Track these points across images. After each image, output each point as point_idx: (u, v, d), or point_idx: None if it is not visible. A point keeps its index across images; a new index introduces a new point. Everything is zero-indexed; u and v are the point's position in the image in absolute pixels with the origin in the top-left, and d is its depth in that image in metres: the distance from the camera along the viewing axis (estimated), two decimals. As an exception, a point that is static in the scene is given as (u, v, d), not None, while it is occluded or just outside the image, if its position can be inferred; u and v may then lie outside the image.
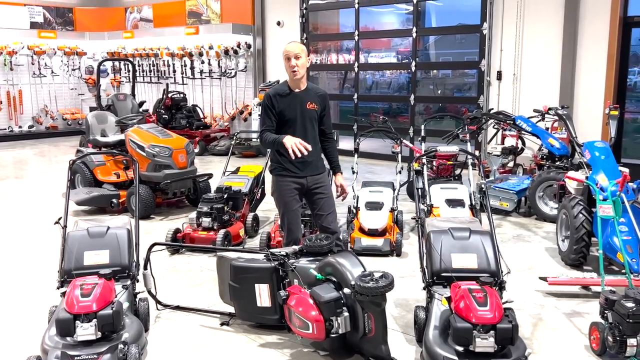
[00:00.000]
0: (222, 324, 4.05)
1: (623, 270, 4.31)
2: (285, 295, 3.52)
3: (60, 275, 3.71)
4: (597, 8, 8.24)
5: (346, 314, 3.32)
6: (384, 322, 3.25)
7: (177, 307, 4.28)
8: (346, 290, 3.31)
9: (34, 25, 14.94)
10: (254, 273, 3.79)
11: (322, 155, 4.41)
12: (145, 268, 4.11)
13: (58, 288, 3.67)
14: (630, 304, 3.26)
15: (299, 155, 3.89)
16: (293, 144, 3.88)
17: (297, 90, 4.15)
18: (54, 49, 14.53)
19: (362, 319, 3.28)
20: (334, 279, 3.45)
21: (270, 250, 3.98)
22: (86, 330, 3.14)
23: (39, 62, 14.27)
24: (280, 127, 4.13)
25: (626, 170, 5.07)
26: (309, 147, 3.94)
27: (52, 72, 14.57)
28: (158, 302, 4.26)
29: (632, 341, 3.21)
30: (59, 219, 3.93)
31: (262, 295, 3.78)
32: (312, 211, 4.44)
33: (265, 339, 3.82)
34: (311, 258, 3.78)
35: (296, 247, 3.92)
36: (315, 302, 3.34)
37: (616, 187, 4.35)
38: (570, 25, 8.44)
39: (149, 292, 4.18)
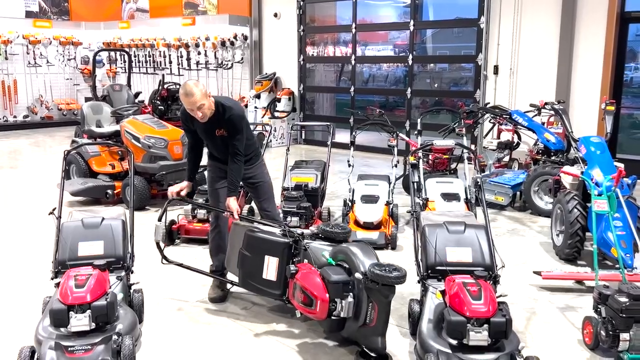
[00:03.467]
0: (222, 290, 4.21)
1: (617, 265, 4.33)
2: (294, 269, 3.59)
3: (54, 265, 3.71)
4: (595, 3, 8.23)
5: (351, 299, 3.35)
6: (386, 315, 3.27)
7: (181, 265, 4.30)
8: (357, 275, 3.32)
9: (29, 14, 14.84)
10: (267, 245, 3.87)
11: (258, 149, 4.54)
12: (159, 220, 4.12)
13: (52, 279, 3.66)
14: (623, 299, 3.27)
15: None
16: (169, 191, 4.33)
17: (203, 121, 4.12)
18: (49, 39, 14.44)
19: (365, 309, 3.29)
20: (345, 266, 3.48)
21: (289, 226, 4.04)
22: (80, 321, 3.14)
23: (34, 51, 14.18)
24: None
25: (621, 165, 5.09)
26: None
27: (48, 61, 14.48)
28: (164, 256, 4.20)
29: (624, 336, 3.23)
30: (53, 209, 3.91)
31: (270, 267, 3.83)
32: (253, 199, 4.71)
33: (259, 331, 3.83)
34: (326, 243, 3.85)
35: (313, 229, 4.03)
36: (324, 281, 3.38)
37: (611, 182, 4.37)
38: (567, 20, 8.44)
39: (157, 244, 4.16)
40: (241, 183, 4.81)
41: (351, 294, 3.36)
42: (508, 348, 3.08)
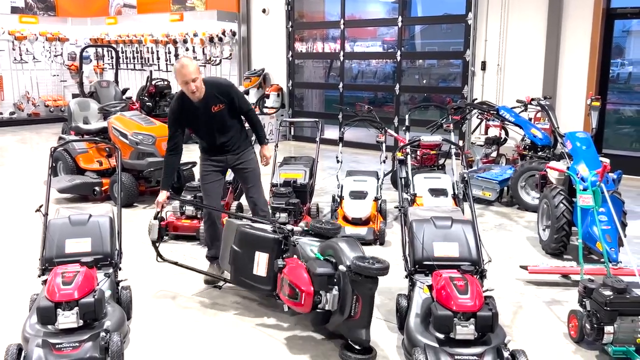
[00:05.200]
0: (213, 286, 4.26)
1: (602, 260, 4.38)
2: (282, 264, 3.64)
3: (42, 263, 3.69)
4: (581, 0, 8.29)
5: (336, 292, 3.38)
6: (370, 308, 3.30)
7: (176, 263, 4.42)
8: (341, 267, 3.34)
9: (14, 10, 14.67)
10: (258, 241, 3.91)
11: (247, 134, 4.70)
12: (155, 218, 4.22)
13: (39, 276, 3.65)
14: (607, 292, 3.32)
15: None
16: (157, 201, 4.35)
17: (198, 101, 4.25)
18: (35, 35, 14.29)
19: (350, 301, 3.31)
20: (333, 260, 3.50)
21: (279, 222, 4.05)
22: (67, 319, 3.13)
23: (20, 47, 14.03)
24: (192, 130, 4.53)
25: (607, 160, 5.14)
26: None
27: (34, 58, 14.33)
28: (159, 254, 4.33)
29: (609, 329, 3.28)
30: (40, 206, 3.89)
31: (260, 263, 3.87)
32: (241, 184, 4.79)
33: (248, 325, 3.85)
34: (315, 239, 3.89)
35: (303, 225, 4.10)
36: (309, 274, 3.42)
37: (596, 177, 4.41)
38: (554, 16, 8.49)
39: (152, 243, 4.27)
40: (230, 178, 4.87)
41: (336, 287, 3.39)
42: (494, 342, 3.11)
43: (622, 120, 11.16)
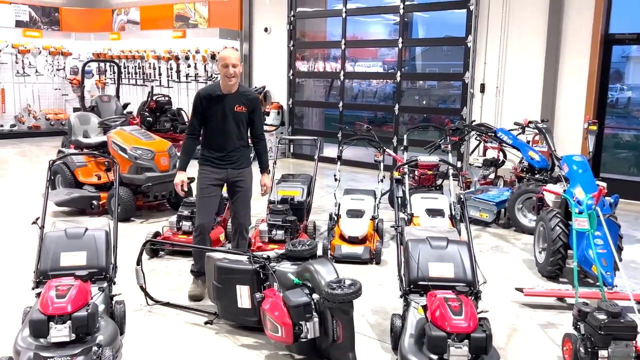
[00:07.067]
0: (206, 323, 4.11)
1: (597, 283, 4.38)
2: (260, 297, 3.60)
3: (36, 275, 3.69)
4: (579, 25, 8.38)
5: (316, 319, 3.35)
6: (351, 330, 3.29)
7: (167, 304, 4.38)
8: (314, 296, 3.35)
9: (19, 23, 14.82)
10: (236, 274, 3.86)
11: (252, 154, 4.73)
12: (137, 264, 4.22)
13: (33, 289, 3.64)
14: (602, 316, 3.30)
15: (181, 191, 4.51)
16: (176, 183, 4.50)
17: (227, 93, 4.42)
18: (39, 49, 14.40)
19: (331, 326, 3.30)
20: (309, 284, 3.47)
21: (254, 253, 4.03)
22: (60, 332, 3.12)
23: (23, 61, 14.13)
24: (206, 125, 4.49)
25: (603, 184, 5.16)
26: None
27: (37, 71, 14.42)
28: (149, 297, 4.35)
29: (603, 353, 3.25)
30: (37, 219, 3.90)
31: (243, 296, 3.84)
32: (230, 201, 4.75)
33: (241, 342, 3.82)
34: (292, 263, 3.83)
35: (279, 251, 4.02)
36: (285, 306, 3.37)
37: (592, 200, 4.42)
38: (552, 41, 8.58)
39: (141, 287, 4.28)
40: (225, 195, 4.91)
41: (314, 314, 3.36)
42: (487, 364, 3.10)
43: (620, 145, 11.22)
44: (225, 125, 4.44)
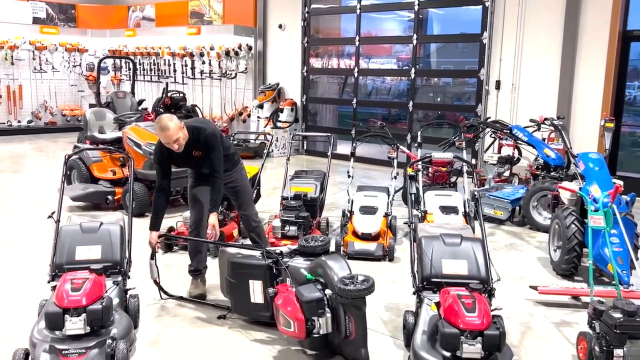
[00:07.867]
0: (219, 317, 4.13)
1: (613, 282, 4.33)
2: (273, 292, 3.59)
3: (52, 269, 3.73)
4: (597, 22, 8.28)
5: (328, 315, 3.35)
6: (364, 326, 3.28)
7: (181, 298, 4.42)
8: (327, 292, 3.34)
9: (36, 20, 14.97)
10: (249, 269, 3.87)
11: (235, 154, 4.77)
12: (151, 258, 4.25)
13: (49, 282, 3.68)
14: (617, 315, 3.27)
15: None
16: (149, 243, 4.32)
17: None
18: (55, 45, 14.54)
19: (343, 322, 3.30)
20: (322, 280, 3.47)
21: (267, 248, 4.05)
22: (75, 325, 3.15)
23: (40, 57, 14.28)
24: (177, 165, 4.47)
25: (620, 182, 5.10)
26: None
27: (53, 68, 14.57)
28: (163, 291, 4.40)
29: (618, 352, 3.22)
30: (52, 213, 3.94)
31: (256, 291, 3.84)
32: (233, 203, 4.88)
33: (254, 337, 3.84)
34: (305, 258, 3.83)
35: (292, 247, 4.03)
36: (298, 301, 3.38)
37: (608, 198, 4.37)
38: (569, 37, 8.49)
39: (155, 282, 4.30)
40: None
41: (327, 309, 3.36)
42: (501, 361, 3.08)
43: (637, 143, 11.09)
44: (192, 165, 4.49)
